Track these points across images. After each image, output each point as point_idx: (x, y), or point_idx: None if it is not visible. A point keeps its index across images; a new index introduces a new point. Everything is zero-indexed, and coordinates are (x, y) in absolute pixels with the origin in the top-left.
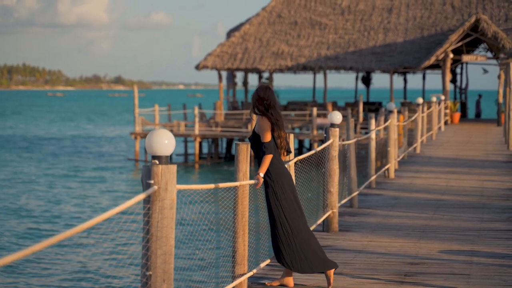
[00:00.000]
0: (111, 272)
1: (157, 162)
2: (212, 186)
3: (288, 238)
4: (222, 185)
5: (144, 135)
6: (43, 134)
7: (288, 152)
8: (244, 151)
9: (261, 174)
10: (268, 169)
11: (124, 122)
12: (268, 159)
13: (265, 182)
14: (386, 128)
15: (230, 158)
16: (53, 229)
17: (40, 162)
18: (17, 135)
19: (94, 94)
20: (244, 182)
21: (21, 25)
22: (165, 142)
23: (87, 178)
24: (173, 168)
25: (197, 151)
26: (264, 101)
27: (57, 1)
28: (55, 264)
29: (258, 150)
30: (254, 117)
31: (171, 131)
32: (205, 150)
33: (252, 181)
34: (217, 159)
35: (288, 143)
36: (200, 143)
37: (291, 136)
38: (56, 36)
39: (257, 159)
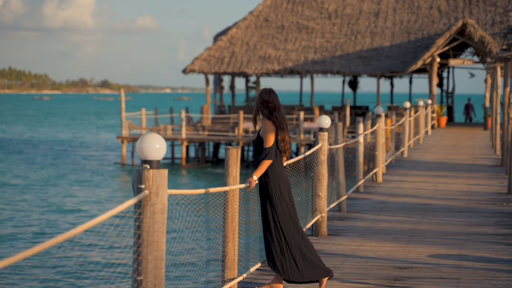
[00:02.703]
0: (102, 277)
1: (148, 166)
2: (203, 191)
3: (280, 244)
4: (213, 189)
5: (131, 139)
6: (27, 139)
7: (288, 157)
8: (234, 156)
9: (255, 177)
10: (267, 174)
11: (109, 126)
12: (265, 164)
13: (262, 186)
14: (373, 132)
15: (217, 162)
16: (41, 236)
17: (25, 167)
18: (1, 139)
19: (80, 98)
20: (234, 186)
21: (7, 29)
22: (156, 147)
23: (73, 183)
24: (165, 172)
25: (184, 155)
26: (269, 104)
27: (43, 5)
28: (44, 270)
29: (260, 153)
30: (259, 121)
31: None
32: (192, 154)
33: (243, 185)
34: (204, 163)
35: (291, 147)
36: (187, 147)
37: None
38: (42, 40)
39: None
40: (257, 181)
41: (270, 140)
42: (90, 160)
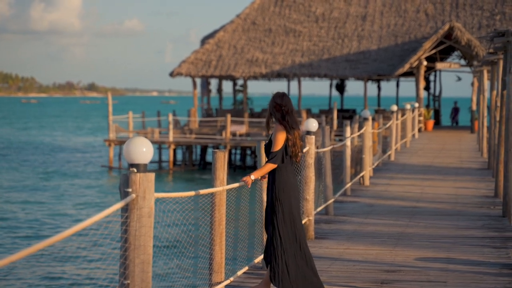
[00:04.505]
0: (89, 282)
1: (135, 170)
2: (191, 193)
3: (276, 250)
4: (201, 192)
5: (118, 142)
6: (13, 141)
7: (298, 162)
8: (222, 159)
9: (252, 177)
10: (275, 178)
11: (95, 129)
12: (268, 167)
13: (268, 189)
14: (360, 136)
15: (204, 166)
16: (27, 239)
17: (11, 171)
18: None
19: (67, 101)
20: (226, 186)
21: None
22: (143, 150)
23: (59, 186)
24: (151, 176)
25: (171, 158)
26: (282, 108)
27: (29, 8)
28: (29, 276)
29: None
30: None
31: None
32: (179, 157)
33: (235, 185)
34: (191, 167)
35: (302, 152)
36: (174, 150)
37: None
38: (28, 43)
39: None
40: (253, 181)
41: (278, 144)
42: (76, 163)
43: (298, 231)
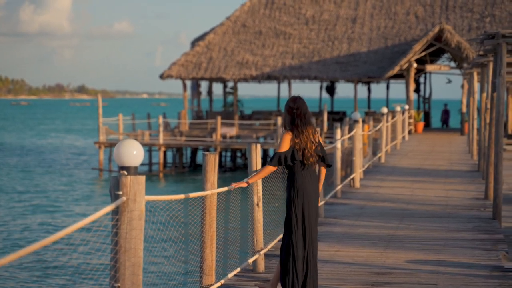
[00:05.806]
0: (79, 285)
1: (125, 173)
2: (181, 196)
3: (288, 255)
4: (192, 194)
5: (108, 145)
6: (2, 144)
7: (328, 165)
8: (212, 161)
9: (245, 180)
10: (291, 182)
11: (85, 131)
12: (265, 169)
13: (287, 192)
14: (350, 138)
15: (194, 168)
16: (17, 242)
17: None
18: None
19: (57, 103)
20: (214, 190)
21: None
22: (133, 153)
23: (50, 188)
24: (142, 179)
25: (161, 161)
26: (293, 110)
27: (19, 10)
28: (17, 280)
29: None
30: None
31: (135, 140)
32: (169, 159)
33: (223, 189)
34: (181, 169)
35: (323, 152)
36: (165, 153)
37: (258, 146)
38: (18, 45)
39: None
40: (248, 184)
41: (280, 147)
42: (66, 165)
43: (308, 237)
